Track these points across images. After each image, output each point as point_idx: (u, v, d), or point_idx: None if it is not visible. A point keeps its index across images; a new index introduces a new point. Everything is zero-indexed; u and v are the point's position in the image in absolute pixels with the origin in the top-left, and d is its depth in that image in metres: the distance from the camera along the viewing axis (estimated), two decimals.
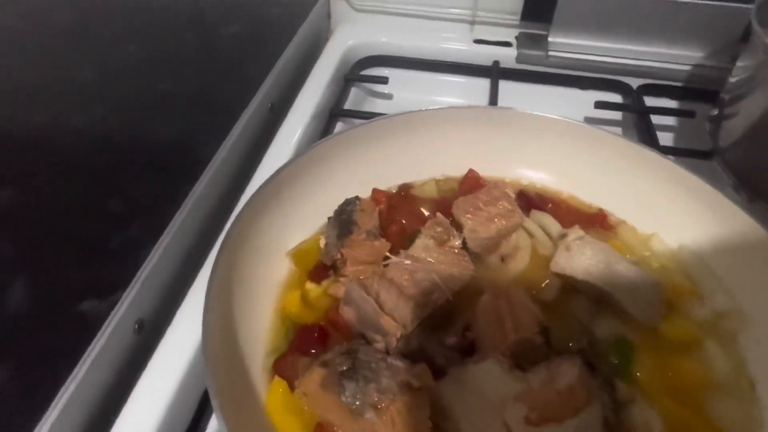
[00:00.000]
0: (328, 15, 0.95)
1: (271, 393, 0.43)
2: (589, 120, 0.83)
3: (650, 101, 0.81)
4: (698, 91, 0.80)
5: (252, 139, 0.69)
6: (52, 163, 0.59)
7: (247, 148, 0.68)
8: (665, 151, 0.71)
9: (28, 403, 0.41)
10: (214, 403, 0.37)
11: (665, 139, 0.76)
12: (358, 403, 0.38)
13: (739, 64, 0.64)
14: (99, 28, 0.83)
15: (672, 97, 0.82)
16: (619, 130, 0.81)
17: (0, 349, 0.44)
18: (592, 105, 0.79)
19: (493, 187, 0.55)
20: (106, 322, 0.46)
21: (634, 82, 0.83)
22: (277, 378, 0.44)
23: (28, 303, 0.47)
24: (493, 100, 0.79)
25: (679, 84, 0.83)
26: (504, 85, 0.85)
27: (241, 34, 0.85)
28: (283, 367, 0.45)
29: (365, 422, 0.37)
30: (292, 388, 0.43)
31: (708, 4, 0.75)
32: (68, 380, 0.42)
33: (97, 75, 0.73)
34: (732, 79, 0.65)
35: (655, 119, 0.77)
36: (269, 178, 0.52)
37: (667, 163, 0.55)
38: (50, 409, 0.41)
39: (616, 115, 0.82)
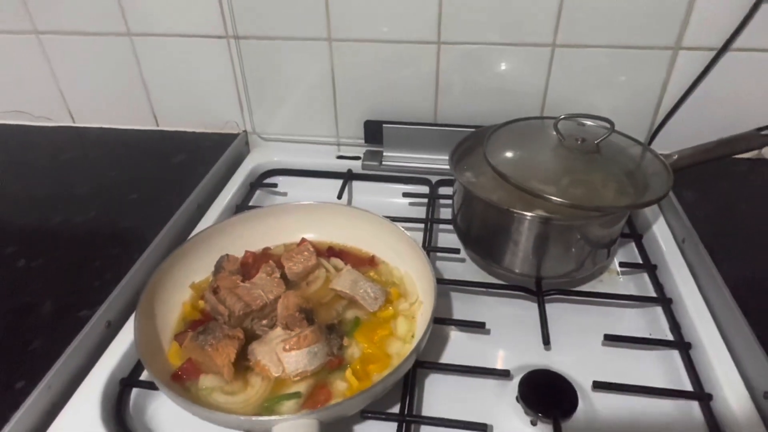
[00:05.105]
0: (247, 144, 1.45)
1: (170, 350, 0.86)
2: (412, 204, 1.30)
3: (443, 190, 1.28)
4: None
5: (183, 228, 1.15)
6: (60, 242, 1.05)
7: (179, 232, 1.14)
8: (435, 222, 1.18)
9: (32, 364, 0.83)
10: (139, 355, 0.80)
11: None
12: (203, 343, 0.81)
13: None
14: (94, 159, 1.33)
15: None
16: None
17: (26, 332, 0.87)
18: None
19: (302, 245, 1.01)
20: (88, 323, 0.89)
21: (434, 178, 1.31)
22: (174, 342, 0.87)
23: (48, 314, 0.91)
24: (341, 194, 1.26)
25: None
26: (356, 184, 1.34)
27: (185, 160, 1.33)
28: (179, 338, 0.88)
29: (205, 350, 0.80)
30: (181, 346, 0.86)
31: (460, 130, 1.24)
32: (63, 353, 0.85)
33: (90, 190, 1.21)
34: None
35: (445, 201, 1.25)
36: (178, 247, 0.97)
37: (394, 227, 1.00)
38: (49, 371, 0.82)
39: (423, 200, 1.29)
